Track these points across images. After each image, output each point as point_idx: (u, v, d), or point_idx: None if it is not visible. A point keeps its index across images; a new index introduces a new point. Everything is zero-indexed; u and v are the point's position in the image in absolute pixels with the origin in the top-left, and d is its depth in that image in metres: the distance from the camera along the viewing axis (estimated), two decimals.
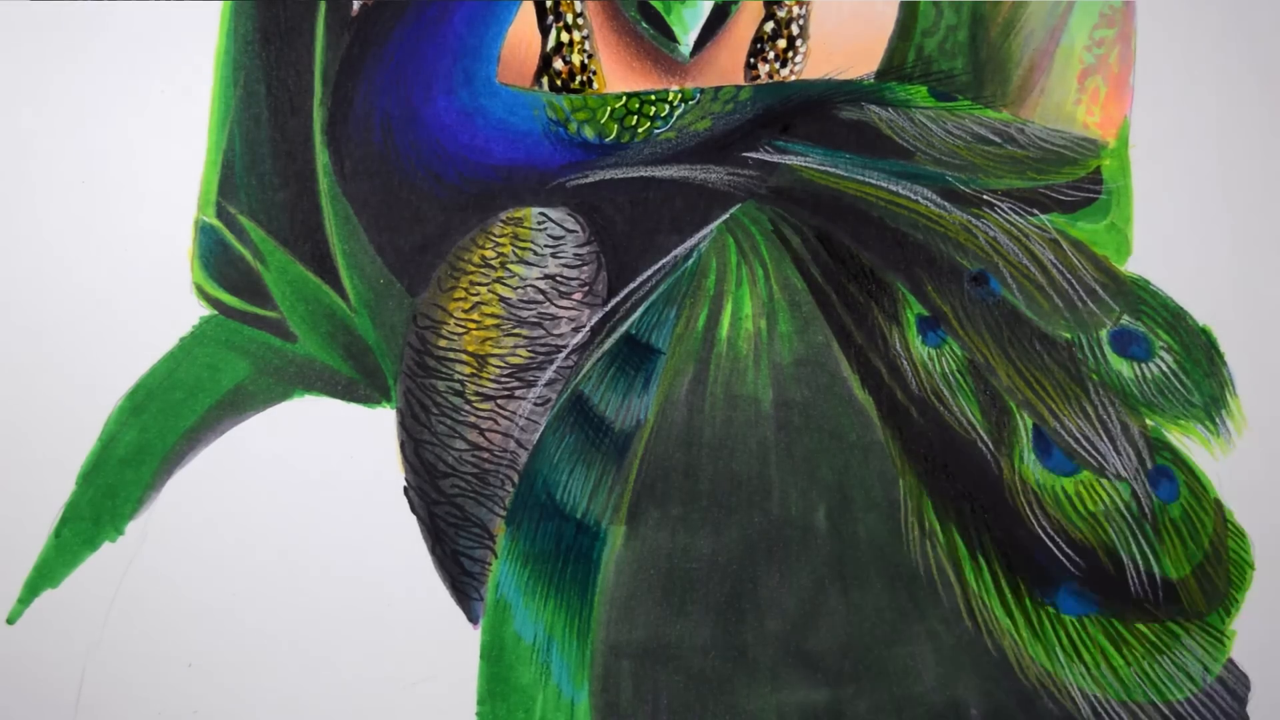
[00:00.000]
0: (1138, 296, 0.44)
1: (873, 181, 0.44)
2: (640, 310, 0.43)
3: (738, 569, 0.41)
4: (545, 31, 0.44)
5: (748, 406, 0.42)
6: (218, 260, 0.42)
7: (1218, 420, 0.43)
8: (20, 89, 0.43)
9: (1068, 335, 0.43)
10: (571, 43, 0.44)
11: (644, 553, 0.42)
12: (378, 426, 0.42)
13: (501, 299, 0.43)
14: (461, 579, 0.42)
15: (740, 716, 0.41)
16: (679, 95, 0.44)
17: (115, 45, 0.43)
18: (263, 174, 0.43)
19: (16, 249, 0.42)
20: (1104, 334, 0.43)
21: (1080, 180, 0.44)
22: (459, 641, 0.41)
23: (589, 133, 0.43)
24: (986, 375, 0.43)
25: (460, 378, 0.42)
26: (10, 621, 0.41)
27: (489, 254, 0.43)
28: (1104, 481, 0.42)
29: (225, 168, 0.43)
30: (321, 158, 0.43)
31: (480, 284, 0.43)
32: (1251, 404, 0.43)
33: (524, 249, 0.43)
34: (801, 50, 0.45)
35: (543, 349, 0.43)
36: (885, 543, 0.42)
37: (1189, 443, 0.43)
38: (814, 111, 0.44)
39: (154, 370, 0.42)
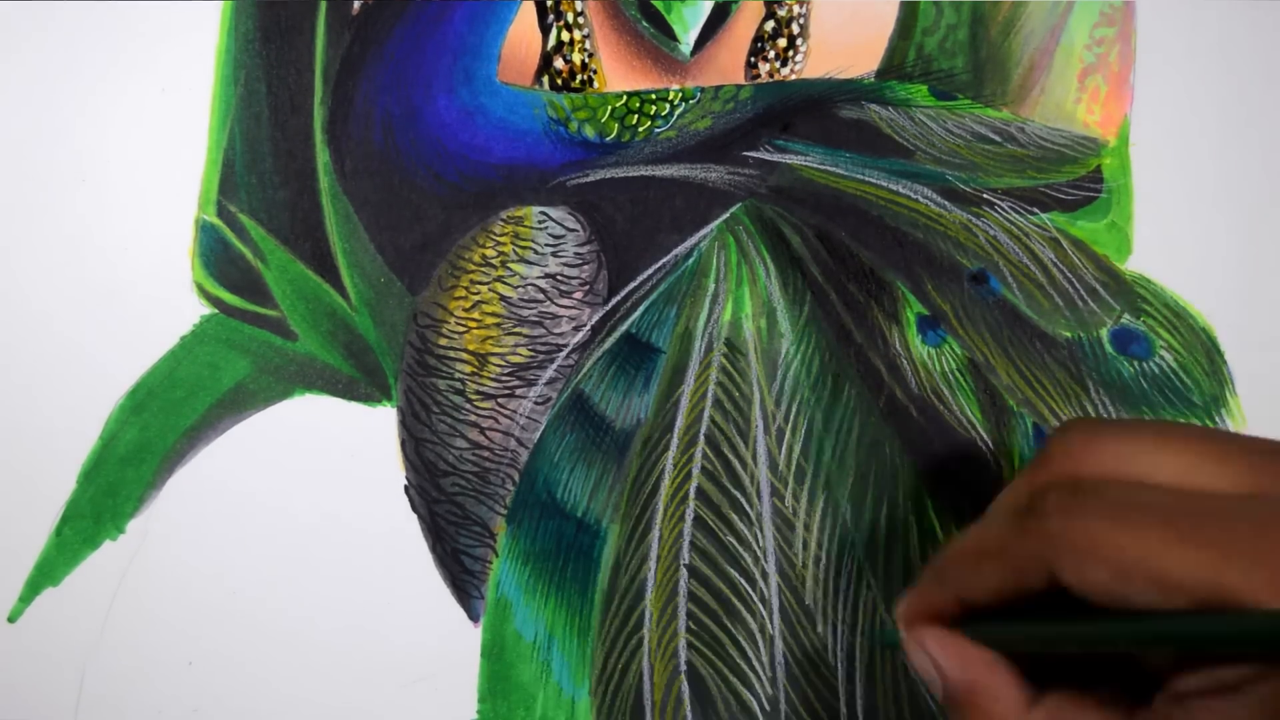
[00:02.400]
0: (1138, 295, 0.44)
1: (873, 180, 0.44)
2: (641, 309, 0.43)
3: (736, 568, 0.41)
4: (546, 30, 0.44)
5: (747, 406, 0.42)
6: (218, 259, 0.42)
7: (1218, 419, 0.43)
8: (20, 89, 0.43)
9: (1068, 334, 0.43)
10: (572, 41, 0.44)
11: (644, 550, 0.42)
12: (378, 425, 0.42)
13: (502, 298, 0.43)
14: (462, 577, 0.42)
15: (743, 713, 0.41)
16: (679, 94, 0.44)
17: (115, 45, 0.43)
18: (263, 172, 0.43)
19: (16, 248, 0.42)
20: (1104, 333, 0.43)
21: (1080, 179, 0.44)
22: (459, 640, 0.41)
23: (589, 131, 0.44)
24: (986, 374, 0.43)
25: (461, 376, 0.42)
26: (11, 620, 0.41)
27: (489, 253, 0.43)
28: None
29: (226, 166, 0.43)
30: (322, 156, 0.43)
31: (481, 283, 0.43)
32: (1252, 403, 0.43)
33: (524, 248, 0.43)
34: (802, 49, 0.45)
35: (543, 348, 0.43)
36: (884, 541, 0.42)
37: None
38: (814, 110, 0.44)
39: (155, 369, 0.42)
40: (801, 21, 0.45)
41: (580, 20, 0.44)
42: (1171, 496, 0.27)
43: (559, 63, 0.44)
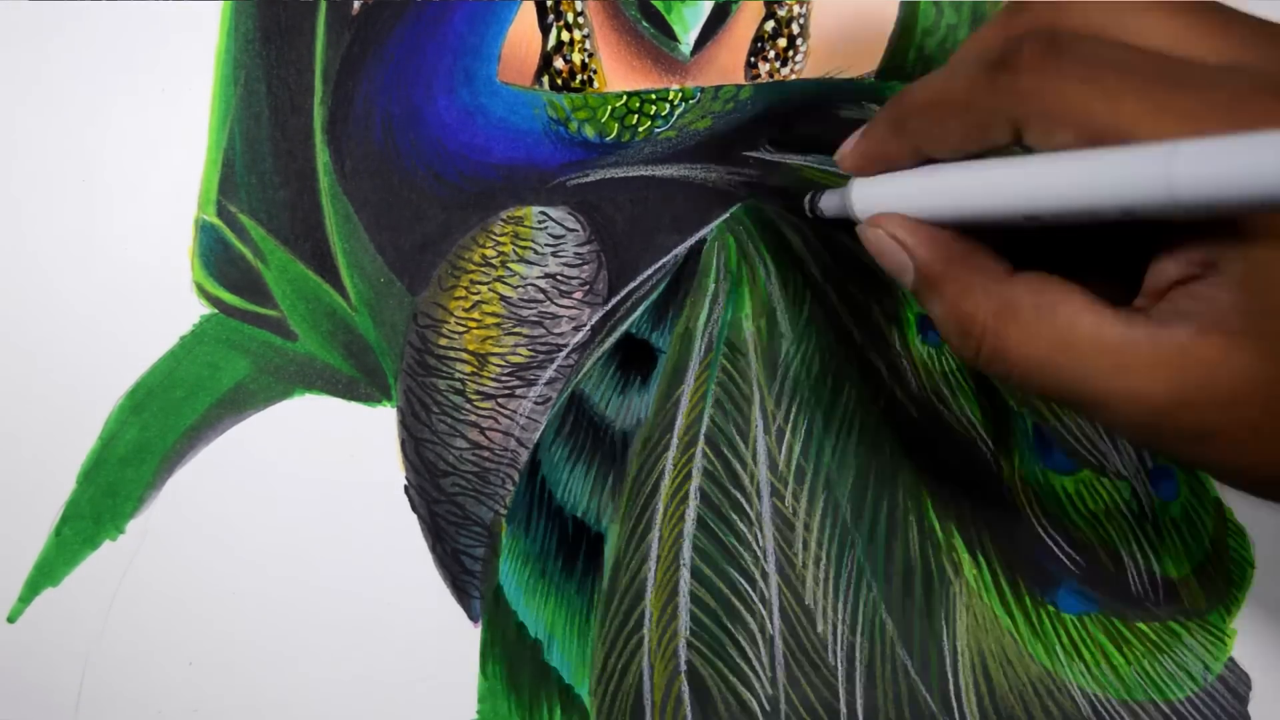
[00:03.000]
0: None
1: None
2: (641, 309, 0.43)
3: (736, 568, 0.41)
4: (545, 30, 0.44)
5: (747, 406, 0.42)
6: (218, 259, 0.42)
7: None
8: (20, 88, 0.43)
9: None
10: (572, 41, 0.44)
11: (644, 550, 0.42)
12: (378, 425, 0.42)
13: (502, 298, 0.43)
14: (462, 577, 0.42)
15: (743, 713, 0.41)
16: (679, 94, 0.44)
17: (115, 45, 0.43)
18: (263, 172, 0.43)
19: (16, 248, 0.42)
20: None
21: None
22: (459, 640, 0.41)
23: (589, 131, 0.44)
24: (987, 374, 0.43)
25: (461, 376, 0.42)
26: (10, 620, 0.41)
27: (489, 253, 0.43)
28: (1104, 480, 0.42)
29: (226, 166, 0.43)
30: (322, 156, 0.43)
31: (481, 283, 0.43)
32: None
33: (524, 248, 0.43)
34: (802, 49, 0.45)
35: (543, 348, 0.43)
36: (884, 541, 0.42)
37: None
38: (814, 111, 0.44)
39: (154, 369, 0.42)
40: (801, 21, 0.45)
41: (580, 20, 0.44)
42: (1152, 61, 0.25)
43: (559, 63, 0.44)
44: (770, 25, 0.45)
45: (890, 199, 0.31)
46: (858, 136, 0.32)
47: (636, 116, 0.44)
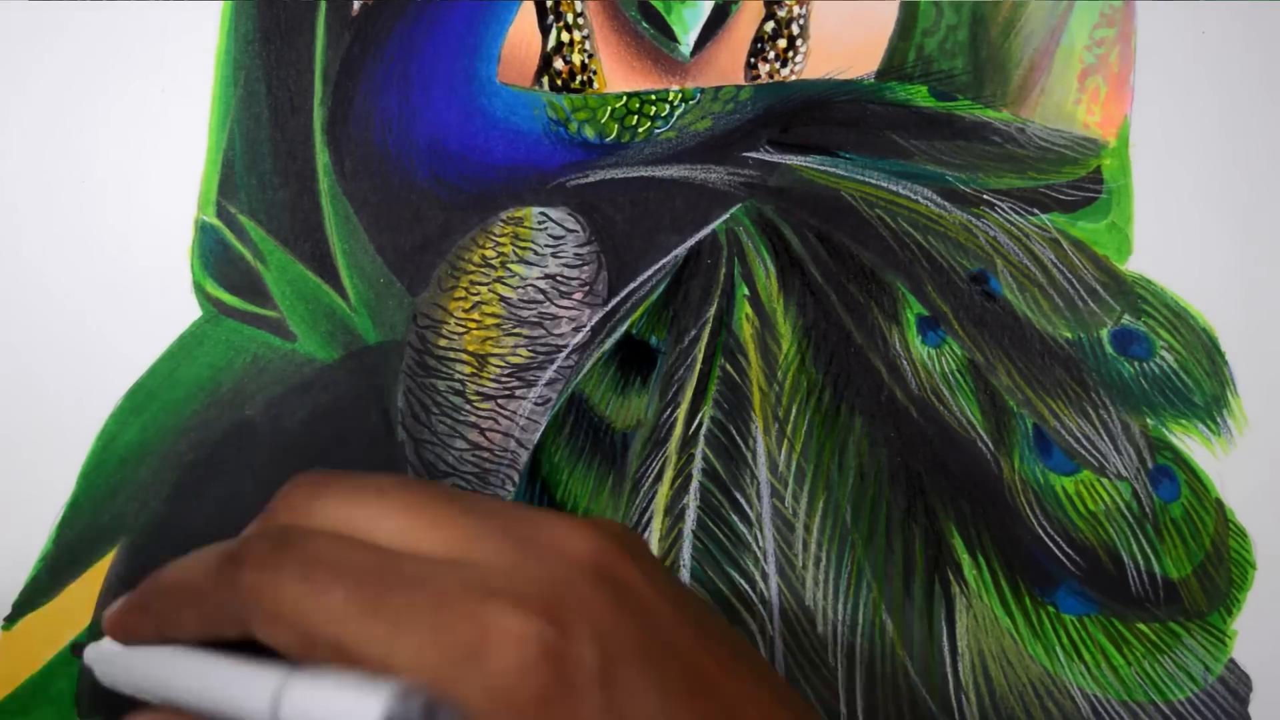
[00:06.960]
0: (1138, 296, 0.44)
1: (873, 181, 0.44)
2: (640, 310, 0.43)
3: (736, 569, 0.41)
4: (545, 31, 0.44)
5: (747, 406, 0.42)
6: (218, 259, 0.42)
7: (1219, 419, 0.43)
8: (20, 89, 0.43)
9: (1068, 334, 0.43)
10: (572, 42, 0.44)
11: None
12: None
13: (502, 298, 0.43)
14: None
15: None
16: (679, 95, 0.44)
17: (115, 45, 0.43)
18: (263, 173, 0.43)
19: (16, 248, 0.42)
20: (1105, 333, 0.43)
21: (1081, 180, 0.44)
22: None
23: (589, 132, 0.44)
24: (986, 375, 0.43)
25: (461, 377, 0.42)
26: (9, 622, 0.41)
27: (489, 253, 0.43)
28: (1104, 481, 0.42)
29: (225, 167, 0.43)
30: (322, 157, 0.43)
31: (480, 283, 0.43)
32: (1253, 403, 0.43)
33: (524, 248, 0.43)
34: (802, 50, 0.45)
35: (543, 349, 0.43)
36: (884, 541, 0.42)
37: (1190, 442, 0.43)
38: (814, 111, 0.44)
39: (154, 369, 0.42)
40: (801, 22, 0.45)
41: (580, 21, 0.44)
42: (374, 558, 0.25)
43: (559, 63, 0.44)
44: (770, 26, 0.45)
45: (119, 670, 0.31)
46: (120, 602, 0.32)
47: (636, 117, 0.44)
